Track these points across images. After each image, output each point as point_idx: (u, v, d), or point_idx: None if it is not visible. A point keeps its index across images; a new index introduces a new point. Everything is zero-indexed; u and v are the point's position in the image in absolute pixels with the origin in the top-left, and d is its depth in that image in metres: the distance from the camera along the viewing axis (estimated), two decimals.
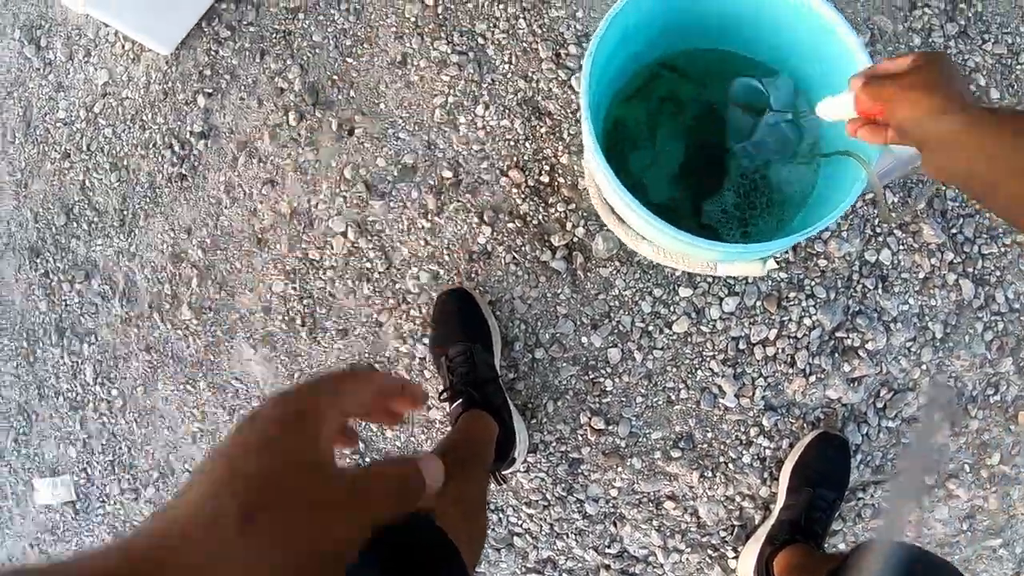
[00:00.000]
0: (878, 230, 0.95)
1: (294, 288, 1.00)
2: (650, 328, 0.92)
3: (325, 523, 0.23)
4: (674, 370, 0.93)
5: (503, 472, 0.86)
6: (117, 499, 1.16)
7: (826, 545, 0.85)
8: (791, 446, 0.94)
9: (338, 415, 0.27)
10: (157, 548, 0.21)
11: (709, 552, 0.95)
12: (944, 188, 0.92)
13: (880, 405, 0.93)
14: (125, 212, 1.14)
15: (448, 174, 0.94)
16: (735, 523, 0.95)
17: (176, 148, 1.10)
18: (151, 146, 1.13)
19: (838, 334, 0.95)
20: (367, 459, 0.99)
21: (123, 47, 1.17)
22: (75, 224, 1.20)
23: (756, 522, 0.94)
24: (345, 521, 0.24)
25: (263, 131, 1.03)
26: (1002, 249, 0.92)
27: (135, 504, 1.15)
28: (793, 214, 0.84)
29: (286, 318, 1.01)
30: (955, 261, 0.92)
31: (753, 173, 0.83)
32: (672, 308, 0.93)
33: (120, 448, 1.14)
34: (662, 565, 0.96)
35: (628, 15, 0.66)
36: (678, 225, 0.63)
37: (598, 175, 0.69)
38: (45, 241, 1.24)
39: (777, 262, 0.93)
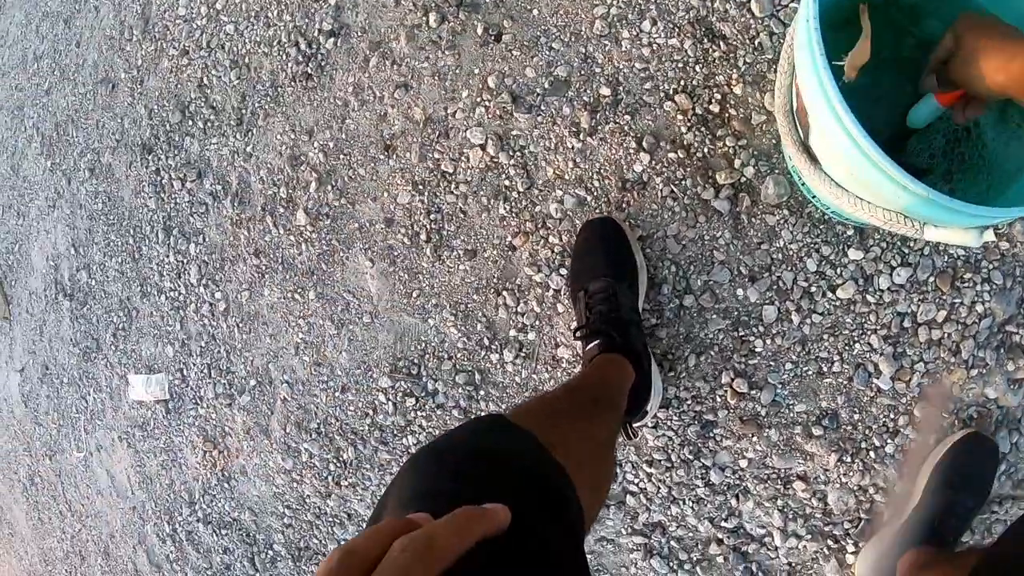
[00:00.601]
0: None
1: (421, 201, 0.93)
2: (812, 289, 0.82)
3: None
4: (831, 339, 0.83)
5: (634, 425, 0.79)
6: (211, 403, 1.15)
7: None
8: (937, 442, 0.84)
9: None
10: None
11: (828, 543, 0.87)
12: None
13: None
14: (243, 111, 1.10)
15: (606, 92, 0.84)
16: (862, 516, 0.86)
17: (302, 46, 1.04)
18: (275, 44, 1.07)
19: (1008, 327, 0.83)
20: (482, 391, 0.93)
21: None
22: (190, 122, 1.17)
23: (884, 519, 0.86)
24: None
25: (399, 32, 0.96)
26: None
27: (228, 410, 1.14)
28: (1007, 182, 0.73)
29: (410, 232, 0.95)
30: None
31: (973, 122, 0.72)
32: (839, 271, 0.82)
33: (219, 352, 1.13)
34: (776, 548, 0.89)
35: None
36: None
37: (812, 92, 0.58)
38: (158, 138, 1.21)
39: (997, 234, 0.81)
